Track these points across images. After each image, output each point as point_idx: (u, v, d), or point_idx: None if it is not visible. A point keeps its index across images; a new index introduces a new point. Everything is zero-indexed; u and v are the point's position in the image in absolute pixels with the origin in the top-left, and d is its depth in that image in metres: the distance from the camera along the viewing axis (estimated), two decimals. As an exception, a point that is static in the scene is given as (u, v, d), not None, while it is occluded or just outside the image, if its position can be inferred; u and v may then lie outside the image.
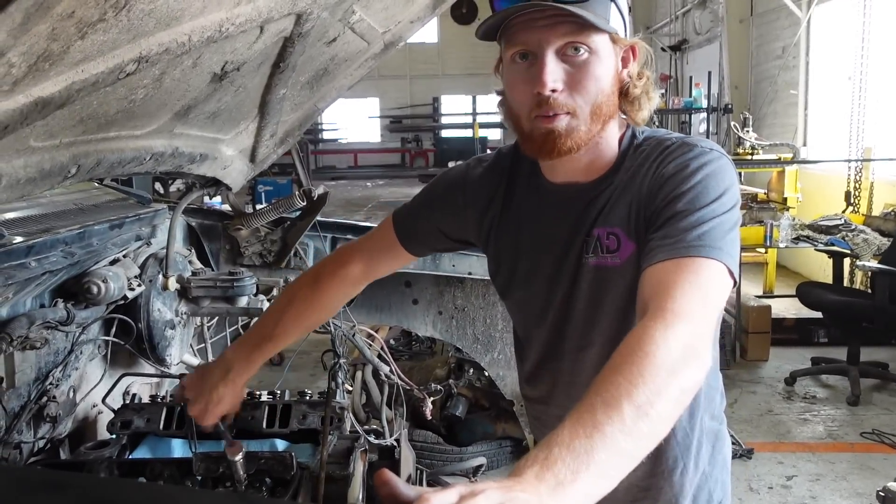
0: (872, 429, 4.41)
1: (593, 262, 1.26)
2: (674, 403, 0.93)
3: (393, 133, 26.77)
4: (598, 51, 1.17)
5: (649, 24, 16.37)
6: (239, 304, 2.31)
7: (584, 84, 1.17)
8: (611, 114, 1.23)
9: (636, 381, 0.91)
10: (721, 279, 1.09)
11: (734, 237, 1.14)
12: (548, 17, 1.15)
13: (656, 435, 0.90)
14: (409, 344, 5.24)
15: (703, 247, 1.09)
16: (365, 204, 16.78)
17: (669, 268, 1.08)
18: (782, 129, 9.50)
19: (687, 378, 0.95)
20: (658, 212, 1.16)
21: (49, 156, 1.25)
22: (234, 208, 2.66)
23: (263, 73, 1.72)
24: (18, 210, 1.85)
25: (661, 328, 0.98)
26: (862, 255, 5.50)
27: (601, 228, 1.25)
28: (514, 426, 3.87)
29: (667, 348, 0.95)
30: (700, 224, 1.11)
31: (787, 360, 5.58)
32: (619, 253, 1.24)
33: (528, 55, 1.18)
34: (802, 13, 8.97)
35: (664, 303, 1.02)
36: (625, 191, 1.24)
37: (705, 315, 1.04)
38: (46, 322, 1.76)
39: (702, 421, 1.37)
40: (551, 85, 1.15)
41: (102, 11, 0.94)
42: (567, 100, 1.17)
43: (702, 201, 1.14)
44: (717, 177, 1.17)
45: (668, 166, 1.20)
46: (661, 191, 1.18)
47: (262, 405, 1.87)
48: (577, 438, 0.84)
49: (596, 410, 0.88)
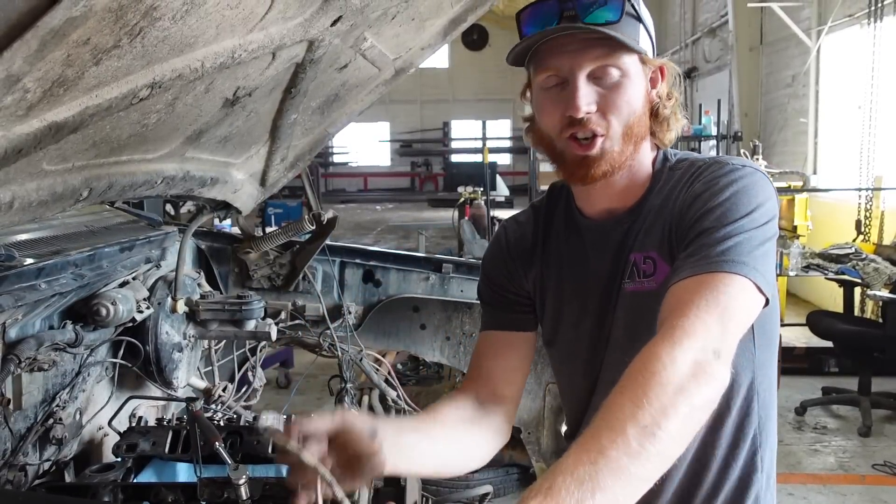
0: (884, 461, 4.36)
1: (630, 288, 1.22)
2: (683, 421, 0.89)
3: (403, 157, 26.91)
4: (629, 72, 1.17)
5: (660, 51, 16.31)
6: (247, 327, 2.31)
7: (617, 105, 1.16)
8: (643, 135, 1.21)
9: (640, 401, 0.89)
10: (745, 294, 1.03)
11: (765, 252, 1.08)
12: (578, 42, 1.14)
13: (668, 455, 0.88)
14: (416, 369, 5.22)
15: (727, 262, 1.04)
16: (374, 227, 16.83)
17: (689, 285, 1.04)
18: (792, 157, 9.50)
19: (697, 395, 0.91)
20: (687, 230, 1.13)
21: (61, 179, 1.26)
22: (243, 231, 2.67)
23: (275, 99, 1.74)
24: (30, 232, 1.86)
25: (668, 347, 0.95)
26: (873, 285, 5.46)
27: (637, 253, 1.22)
28: (521, 453, 3.83)
29: (673, 366, 0.92)
30: (726, 239, 1.07)
31: (798, 390, 5.53)
32: (656, 277, 1.19)
33: (559, 79, 1.17)
34: (812, 42, 9.01)
35: (675, 321, 0.99)
36: (659, 213, 1.21)
37: (722, 332, 0.98)
38: (55, 344, 1.76)
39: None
40: (585, 108, 1.14)
41: (117, 38, 0.95)
42: (600, 121, 1.16)
43: (730, 217, 1.09)
44: (748, 192, 1.12)
45: (697, 184, 1.17)
46: (691, 209, 1.14)
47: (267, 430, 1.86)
48: (581, 466, 0.83)
49: (601, 436, 0.86)
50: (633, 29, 1.17)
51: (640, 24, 1.19)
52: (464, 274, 2.72)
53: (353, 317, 2.68)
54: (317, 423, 1.07)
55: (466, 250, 7.53)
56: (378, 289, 2.75)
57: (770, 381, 1.26)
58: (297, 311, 2.64)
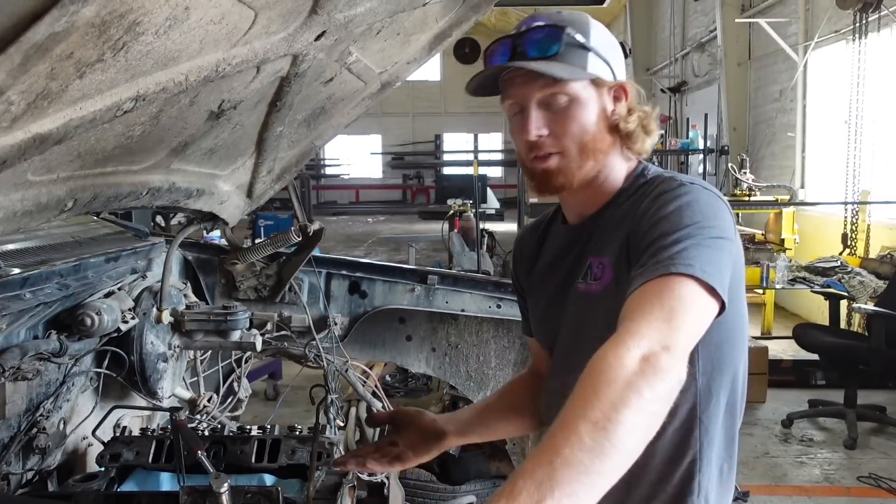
0: (869, 473, 4.38)
1: (582, 289, 1.32)
2: (634, 413, 0.92)
3: (395, 169, 26.94)
4: (579, 96, 1.27)
5: (649, 65, 16.58)
6: (232, 337, 2.32)
7: (567, 128, 1.27)
8: (603, 149, 1.30)
9: (590, 399, 0.92)
10: (692, 294, 1.07)
11: (714, 256, 1.12)
12: (526, 74, 1.26)
13: (624, 447, 0.90)
14: (405, 381, 5.21)
15: (673, 265, 1.08)
16: (365, 239, 16.83)
17: (638, 294, 1.08)
18: (780, 171, 9.58)
19: (647, 387, 0.94)
20: (638, 244, 1.19)
21: (46, 190, 1.27)
22: (230, 242, 2.68)
23: (260, 112, 1.76)
24: (16, 242, 1.87)
25: (613, 348, 0.99)
26: (858, 298, 5.51)
27: (594, 257, 1.31)
28: (507, 465, 3.83)
29: (619, 363, 0.96)
30: (672, 245, 1.11)
31: (784, 402, 5.55)
32: (602, 281, 1.28)
33: (519, 106, 1.29)
34: (799, 57, 9.11)
35: (622, 326, 1.03)
36: (621, 223, 1.28)
37: (670, 328, 1.02)
38: (39, 353, 1.77)
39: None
40: (535, 133, 1.27)
41: (101, 52, 0.97)
42: (553, 142, 1.28)
43: (675, 227, 1.14)
44: (692, 205, 1.18)
45: (647, 200, 1.24)
46: (640, 224, 1.21)
47: (251, 439, 1.87)
48: (539, 467, 0.87)
49: (555, 436, 0.90)
50: (580, 57, 1.28)
51: (587, 51, 1.28)
52: (449, 285, 2.74)
53: (338, 328, 2.69)
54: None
55: (456, 262, 7.56)
56: (364, 300, 2.76)
57: (717, 416, 1.27)
58: (283, 322, 2.65)
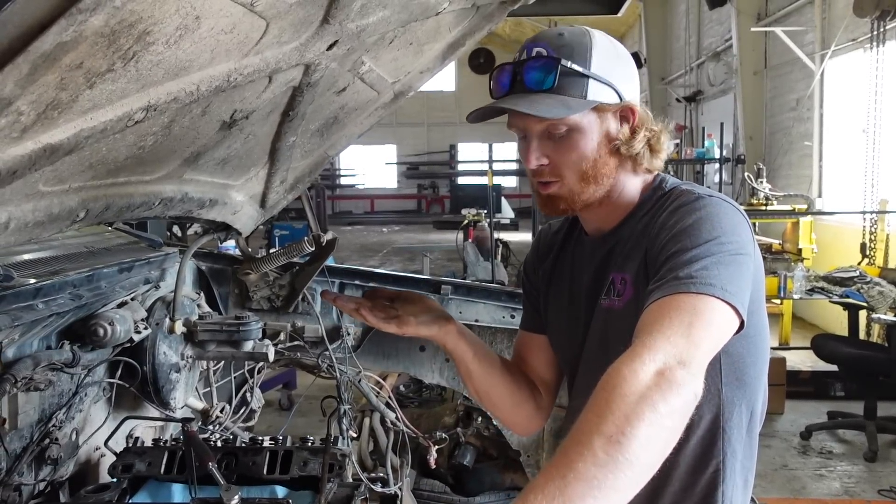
0: (890, 486, 4.31)
1: (605, 305, 1.32)
2: (648, 427, 0.90)
3: (409, 179, 27.01)
4: (578, 124, 1.28)
5: (664, 75, 16.54)
6: (244, 348, 2.31)
7: (566, 157, 1.29)
8: (606, 173, 1.31)
9: (604, 413, 0.91)
10: (712, 312, 1.06)
11: (734, 273, 1.11)
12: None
13: (639, 462, 0.89)
14: (419, 391, 5.20)
15: (693, 283, 1.08)
16: (380, 249, 16.86)
17: (655, 308, 1.08)
18: (797, 181, 9.51)
19: (662, 402, 0.93)
20: (656, 258, 1.19)
21: (58, 200, 1.27)
22: (243, 253, 2.68)
23: (273, 121, 1.75)
24: (29, 252, 1.88)
25: (629, 362, 0.97)
26: (877, 308, 5.43)
27: (616, 273, 1.31)
28: (521, 476, 3.80)
29: (634, 378, 0.95)
30: (691, 263, 1.11)
31: (803, 414, 5.49)
32: (623, 297, 1.28)
33: (523, 133, 1.32)
34: (816, 66, 9.04)
35: (638, 339, 1.02)
36: (641, 238, 1.28)
37: (687, 343, 1.01)
38: (52, 364, 1.76)
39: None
40: (535, 163, 1.30)
41: (111, 62, 0.96)
42: (553, 171, 1.30)
43: (694, 242, 1.14)
44: (711, 219, 1.18)
45: (665, 214, 1.24)
46: (658, 238, 1.21)
47: (263, 451, 1.86)
48: (551, 481, 0.85)
49: (568, 450, 0.89)
50: (578, 86, 1.27)
51: (585, 79, 1.27)
52: (462, 295, 2.73)
53: (351, 338, 2.68)
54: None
55: (470, 272, 7.54)
56: (377, 310, 2.74)
57: (741, 426, 1.29)
58: (296, 332, 2.64)
